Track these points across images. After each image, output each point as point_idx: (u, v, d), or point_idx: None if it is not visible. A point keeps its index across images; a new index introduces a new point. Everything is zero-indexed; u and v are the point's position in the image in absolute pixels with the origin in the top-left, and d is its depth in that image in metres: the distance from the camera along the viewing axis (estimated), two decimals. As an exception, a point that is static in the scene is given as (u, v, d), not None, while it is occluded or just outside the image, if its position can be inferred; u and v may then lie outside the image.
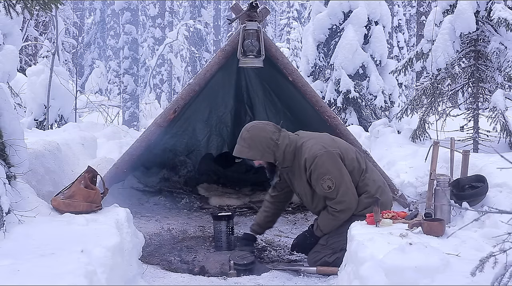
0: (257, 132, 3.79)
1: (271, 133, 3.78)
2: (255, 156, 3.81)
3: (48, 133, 6.52)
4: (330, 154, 3.72)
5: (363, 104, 10.62)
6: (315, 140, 3.83)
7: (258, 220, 4.28)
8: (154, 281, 3.66)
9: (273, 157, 3.80)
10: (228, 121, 7.47)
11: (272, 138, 3.77)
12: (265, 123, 3.91)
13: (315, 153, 3.70)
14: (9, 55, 7.32)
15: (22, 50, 12.37)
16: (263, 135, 3.77)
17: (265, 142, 3.76)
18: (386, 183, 4.15)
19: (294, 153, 3.81)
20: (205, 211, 5.95)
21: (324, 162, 3.69)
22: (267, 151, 3.77)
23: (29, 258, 2.65)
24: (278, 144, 3.77)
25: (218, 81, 6.12)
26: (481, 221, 3.44)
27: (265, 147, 3.76)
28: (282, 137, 3.80)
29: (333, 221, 3.80)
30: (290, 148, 3.80)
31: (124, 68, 14.40)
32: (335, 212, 3.76)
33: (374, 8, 10.68)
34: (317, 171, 3.69)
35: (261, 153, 3.78)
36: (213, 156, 7.31)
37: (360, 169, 3.86)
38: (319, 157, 3.69)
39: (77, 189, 3.69)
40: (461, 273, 2.45)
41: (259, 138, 3.77)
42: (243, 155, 3.83)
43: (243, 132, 3.83)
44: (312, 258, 3.86)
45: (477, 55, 6.27)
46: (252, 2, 4.83)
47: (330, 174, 3.68)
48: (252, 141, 3.77)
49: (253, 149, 3.77)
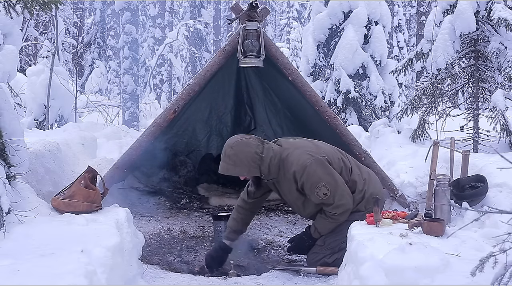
0: (242, 147, 3.71)
1: (255, 147, 3.72)
2: (241, 172, 3.74)
3: (48, 133, 6.51)
4: (318, 161, 3.71)
5: (363, 104, 10.62)
6: (300, 150, 3.78)
7: (233, 227, 4.09)
8: (154, 281, 3.66)
9: (259, 171, 3.75)
10: (228, 121, 7.46)
11: (257, 152, 3.71)
12: (248, 138, 3.82)
13: (304, 163, 3.68)
14: (9, 55, 7.33)
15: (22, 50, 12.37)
16: (248, 150, 3.70)
17: (250, 157, 3.69)
18: (370, 172, 4.12)
19: (279, 165, 3.76)
20: (205, 211, 5.95)
21: (315, 170, 3.68)
22: (252, 166, 3.71)
23: (29, 258, 2.65)
24: (262, 157, 3.71)
25: (218, 81, 6.13)
26: (481, 221, 3.44)
27: (250, 162, 3.70)
28: (266, 150, 3.74)
29: (332, 223, 3.81)
30: (275, 160, 3.75)
31: (124, 68, 14.39)
32: (335, 215, 3.77)
33: (374, 8, 10.68)
34: (310, 181, 3.68)
35: (247, 169, 3.72)
36: (213, 156, 7.30)
37: (347, 168, 3.88)
38: (309, 166, 3.67)
39: (77, 189, 3.69)
40: (461, 273, 2.45)
41: (244, 153, 3.69)
42: (229, 173, 3.74)
43: (227, 149, 3.75)
44: (311, 259, 3.86)
45: (477, 55, 6.27)
46: (252, 2, 4.83)
47: (323, 181, 3.67)
48: (237, 158, 3.70)
49: (239, 165, 3.71)
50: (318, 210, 3.84)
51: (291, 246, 4.09)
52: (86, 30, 22.58)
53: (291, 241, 4.14)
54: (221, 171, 3.77)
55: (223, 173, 3.77)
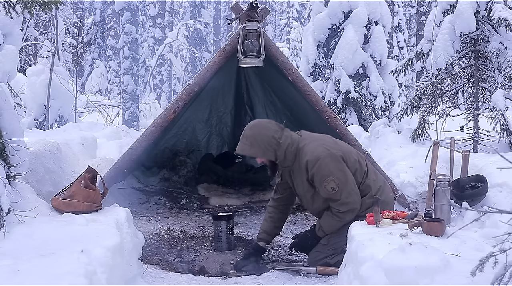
0: (260, 130, 3.78)
1: (273, 132, 3.77)
2: (256, 153, 3.80)
3: (48, 133, 6.52)
4: (333, 156, 3.71)
5: (363, 104, 10.61)
6: (318, 142, 3.81)
7: (264, 227, 4.14)
8: (154, 281, 3.66)
9: (274, 155, 3.79)
10: (228, 121, 7.47)
11: (274, 137, 3.75)
12: (267, 122, 3.91)
13: (318, 155, 3.69)
14: (9, 55, 7.34)
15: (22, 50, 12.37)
16: (265, 134, 3.76)
17: (267, 140, 3.75)
18: (386, 182, 4.15)
19: (296, 153, 3.79)
20: (205, 211, 5.95)
21: (327, 164, 3.68)
22: (268, 149, 3.76)
23: (29, 258, 2.65)
24: (280, 142, 3.76)
25: (218, 81, 6.12)
26: (481, 221, 3.44)
27: (266, 145, 3.75)
28: (284, 137, 3.79)
29: (337, 222, 3.79)
30: (292, 147, 3.78)
31: (124, 68, 14.40)
32: (340, 213, 3.75)
33: (374, 8, 10.68)
34: (320, 173, 3.68)
35: (262, 151, 3.77)
36: (213, 156, 7.31)
37: (362, 171, 3.86)
38: (322, 159, 3.68)
39: (77, 189, 3.69)
40: (461, 273, 2.45)
41: (261, 136, 3.75)
42: (245, 152, 3.83)
43: (246, 130, 3.82)
44: (313, 258, 3.85)
45: (477, 55, 6.27)
46: (252, 2, 4.83)
47: (334, 176, 3.67)
48: (254, 139, 3.76)
49: (255, 146, 3.76)
50: (326, 207, 3.83)
51: (294, 242, 4.08)
52: (86, 30, 22.59)
53: (294, 238, 4.13)
54: (238, 150, 3.84)
55: (239, 153, 3.85)
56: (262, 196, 6.41)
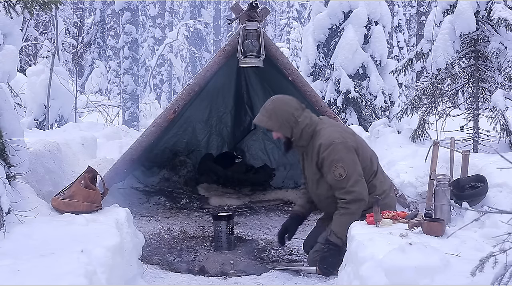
0: (280, 105, 3.82)
1: (293, 109, 3.81)
2: (272, 126, 3.84)
3: (48, 133, 6.53)
4: (346, 144, 3.72)
5: (363, 104, 10.61)
6: (335, 128, 3.84)
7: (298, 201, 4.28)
8: (154, 281, 3.66)
9: (290, 132, 3.82)
10: (228, 121, 7.47)
11: (294, 115, 3.79)
12: (290, 99, 3.92)
13: (332, 140, 3.71)
14: (9, 55, 7.34)
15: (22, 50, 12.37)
16: (285, 109, 3.80)
17: (286, 116, 3.78)
18: (392, 188, 4.14)
19: (312, 135, 3.82)
20: (205, 211, 5.95)
21: (340, 150, 3.68)
22: (285, 125, 3.80)
23: (29, 258, 2.65)
24: (298, 121, 3.79)
25: (218, 81, 6.12)
26: (481, 221, 3.44)
27: (284, 121, 3.79)
28: (303, 116, 3.82)
29: (345, 216, 3.65)
30: (309, 128, 3.81)
31: (124, 68, 14.39)
32: (345, 203, 3.66)
33: (374, 8, 10.67)
34: (330, 158, 3.68)
35: (279, 125, 3.81)
36: (213, 156, 7.30)
37: (372, 170, 3.86)
38: (335, 145, 3.69)
39: (77, 189, 3.69)
40: (461, 273, 2.45)
41: (281, 111, 3.79)
42: (261, 124, 3.87)
43: (267, 103, 3.88)
44: (313, 258, 3.85)
45: (477, 55, 6.27)
46: (252, 2, 4.83)
47: (343, 162, 3.66)
48: (273, 112, 3.80)
49: (273, 119, 3.80)
50: (329, 196, 3.79)
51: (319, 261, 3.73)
52: (86, 30, 22.58)
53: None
54: (255, 121, 3.91)
55: (256, 123, 3.91)
56: (262, 196, 6.41)
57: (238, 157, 7.39)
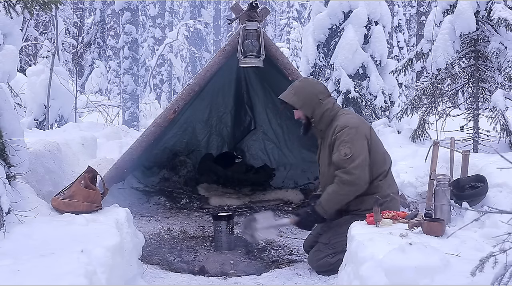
0: (307, 85, 3.98)
1: (319, 92, 3.93)
2: (296, 103, 3.94)
3: (48, 133, 6.53)
4: (359, 130, 3.78)
5: (363, 104, 10.59)
6: (355, 116, 3.99)
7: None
8: (154, 281, 3.66)
9: (311, 113, 3.92)
10: (228, 121, 7.47)
11: (318, 96, 3.91)
12: (318, 82, 4.12)
13: (347, 123, 3.79)
14: (9, 55, 7.34)
15: (22, 50, 12.38)
16: (311, 90, 3.93)
17: (310, 96, 3.90)
18: (398, 194, 4.14)
19: (332, 119, 3.90)
20: (205, 211, 5.95)
21: (352, 133, 3.75)
22: (308, 104, 3.91)
23: (29, 258, 2.65)
24: (321, 103, 3.90)
25: (218, 81, 6.13)
26: (481, 221, 3.44)
27: (308, 100, 3.90)
28: (327, 101, 3.94)
29: (335, 194, 3.73)
30: (331, 113, 3.91)
31: (124, 68, 14.39)
32: (340, 181, 3.69)
33: (374, 8, 10.66)
34: (341, 138, 3.75)
35: (302, 103, 3.92)
36: (213, 156, 7.31)
37: (381, 169, 3.86)
38: (349, 128, 3.76)
39: (77, 189, 3.69)
40: (461, 273, 2.45)
41: (306, 90, 3.93)
42: (286, 99, 3.96)
43: (296, 81, 4.08)
44: (314, 257, 3.85)
45: (477, 55, 6.27)
46: (252, 2, 4.83)
47: (352, 144, 3.71)
48: (299, 89, 3.94)
49: (297, 96, 3.92)
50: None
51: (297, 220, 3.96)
52: (86, 30, 22.57)
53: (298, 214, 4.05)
54: (281, 96, 4.01)
55: (281, 98, 4.00)
56: (262, 196, 6.41)
57: (238, 157, 7.39)
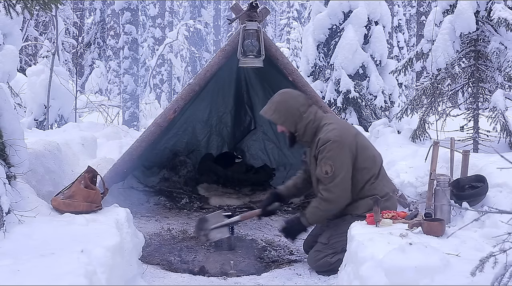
0: (287, 99, 3.88)
1: (299, 105, 3.86)
2: (277, 120, 3.88)
3: (48, 133, 6.52)
4: (341, 144, 3.73)
5: (363, 104, 10.61)
6: (337, 126, 3.84)
7: (286, 183, 4.30)
8: (154, 281, 3.65)
9: (294, 127, 3.87)
10: (228, 121, 7.47)
11: (299, 110, 3.84)
12: (298, 94, 3.99)
13: (330, 137, 3.73)
14: (9, 55, 7.34)
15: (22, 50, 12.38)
16: (292, 104, 3.85)
17: (291, 110, 3.83)
18: (395, 192, 4.15)
19: (315, 131, 3.86)
20: (205, 211, 5.95)
21: (333, 149, 3.71)
22: (289, 119, 3.84)
23: (29, 258, 2.65)
24: (303, 116, 3.84)
25: (218, 81, 6.13)
26: (481, 221, 3.44)
27: (289, 115, 3.84)
28: (308, 112, 3.87)
29: (316, 209, 3.82)
30: (313, 124, 3.85)
31: (124, 68, 14.38)
32: (321, 198, 3.77)
33: (374, 8, 10.68)
34: (323, 154, 3.73)
35: (283, 119, 3.86)
36: (213, 156, 7.31)
37: (372, 171, 3.85)
38: (331, 143, 3.71)
39: (77, 189, 3.69)
40: (461, 273, 2.45)
41: (287, 105, 3.84)
42: (267, 115, 3.91)
43: (275, 95, 3.94)
44: (313, 257, 3.85)
45: (477, 55, 6.27)
46: (252, 2, 4.83)
47: (333, 161, 3.70)
48: (279, 105, 3.85)
49: (278, 113, 3.85)
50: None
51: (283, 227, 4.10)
52: (86, 30, 22.57)
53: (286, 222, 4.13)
54: (261, 112, 3.96)
55: (262, 114, 3.95)
56: (262, 196, 6.40)
57: (238, 157, 7.39)
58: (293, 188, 4.24)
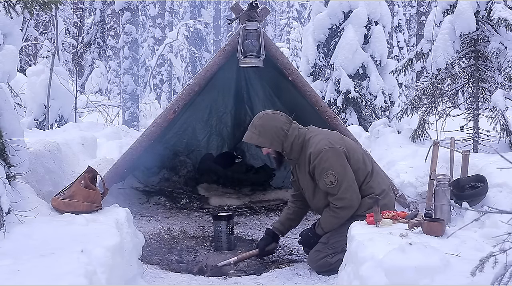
0: (268, 120, 3.86)
1: (282, 124, 3.85)
2: (263, 143, 3.87)
3: (48, 133, 6.52)
4: (335, 150, 3.75)
5: (363, 104, 10.61)
6: (323, 136, 3.87)
7: (280, 218, 4.28)
8: (154, 281, 3.66)
9: (281, 147, 3.86)
10: (228, 121, 7.47)
11: (283, 129, 3.83)
12: (277, 113, 3.97)
13: (321, 148, 3.75)
14: (9, 55, 7.34)
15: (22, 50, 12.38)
16: (274, 125, 3.84)
17: (274, 131, 3.82)
18: (390, 187, 4.16)
19: (302, 146, 3.86)
20: (205, 211, 5.95)
21: (329, 157, 3.72)
22: (275, 140, 3.84)
23: (29, 258, 2.65)
24: (287, 134, 3.83)
25: (218, 81, 6.12)
26: (481, 221, 3.44)
27: (274, 136, 3.83)
28: (292, 129, 3.86)
29: (333, 218, 3.82)
30: (299, 140, 3.85)
31: (124, 68, 14.36)
32: (336, 208, 3.77)
33: (374, 8, 10.67)
34: (321, 166, 3.73)
35: (270, 141, 3.85)
36: (213, 156, 7.30)
37: (366, 171, 3.87)
38: (325, 152, 3.72)
39: (77, 189, 3.69)
40: (461, 273, 2.45)
41: (270, 126, 3.83)
42: (252, 141, 3.89)
43: (255, 120, 3.91)
44: (313, 257, 3.85)
45: (477, 55, 6.27)
46: (252, 2, 4.83)
47: (333, 170, 3.70)
48: (262, 129, 3.84)
49: (263, 136, 3.84)
50: (327, 204, 3.85)
51: (300, 240, 4.14)
52: (86, 30, 22.56)
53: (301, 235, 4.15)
54: (245, 139, 3.92)
55: (247, 141, 3.93)
56: (262, 196, 6.41)
57: (238, 157, 7.39)
58: (287, 221, 4.22)
